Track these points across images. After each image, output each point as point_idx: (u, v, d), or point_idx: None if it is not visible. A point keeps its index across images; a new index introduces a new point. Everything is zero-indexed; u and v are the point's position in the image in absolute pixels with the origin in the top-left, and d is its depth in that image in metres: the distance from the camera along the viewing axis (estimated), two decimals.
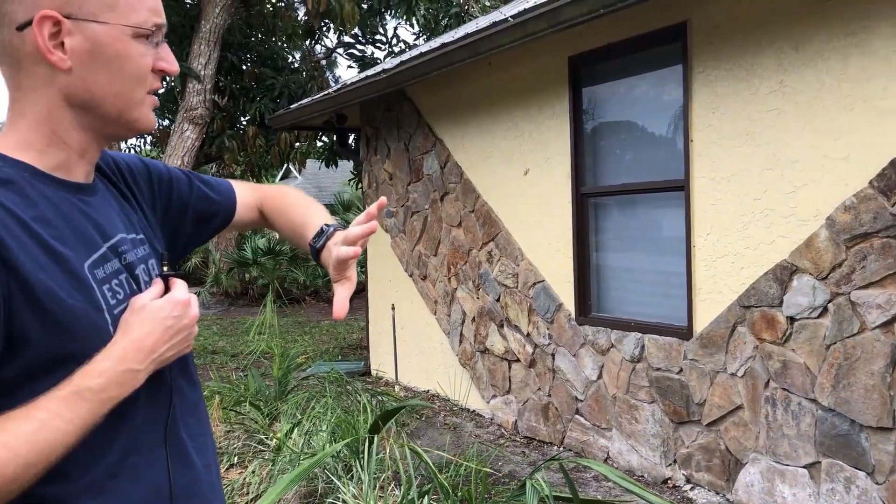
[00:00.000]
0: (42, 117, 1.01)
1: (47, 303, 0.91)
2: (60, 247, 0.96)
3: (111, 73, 1.01)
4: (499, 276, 5.45)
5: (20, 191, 0.95)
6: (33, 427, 0.87)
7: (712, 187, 3.93)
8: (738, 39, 3.75)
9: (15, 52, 0.98)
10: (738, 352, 3.81)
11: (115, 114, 1.04)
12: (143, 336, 1.00)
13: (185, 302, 1.06)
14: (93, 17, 0.98)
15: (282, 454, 4.15)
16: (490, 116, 5.51)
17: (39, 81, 0.99)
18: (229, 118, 10.76)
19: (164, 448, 1.07)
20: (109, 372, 0.95)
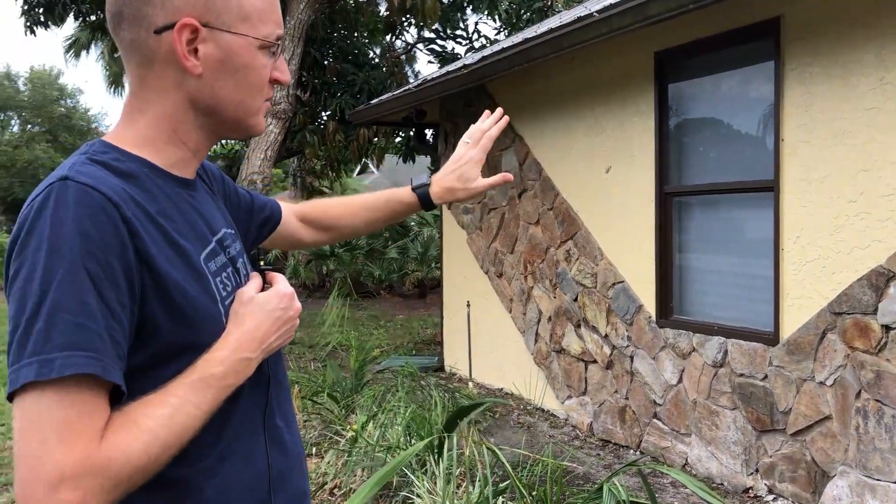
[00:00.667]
0: (165, 116, 1.04)
1: (175, 294, 0.95)
2: (181, 240, 1.00)
3: (237, 82, 1.05)
4: (577, 276, 5.38)
5: (143, 185, 0.99)
6: (169, 412, 0.91)
7: (804, 188, 3.78)
8: (835, 35, 3.60)
9: (149, 52, 1.01)
10: (827, 360, 3.66)
11: (235, 119, 1.08)
12: (255, 327, 1.05)
13: (290, 295, 1.11)
14: (227, 27, 1.02)
15: (357, 446, 4.21)
16: (571, 113, 5.44)
17: (168, 83, 1.03)
18: (311, 113, 10.96)
19: (263, 434, 1.11)
20: (228, 360, 0.99)
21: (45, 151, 36.94)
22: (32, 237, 0.88)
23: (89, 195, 0.89)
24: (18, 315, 0.86)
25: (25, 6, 10.10)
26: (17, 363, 0.84)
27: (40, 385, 0.83)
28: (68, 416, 0.83)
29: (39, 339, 0.84)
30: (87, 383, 0.85)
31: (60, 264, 0.86)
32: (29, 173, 36.35)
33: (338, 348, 8.30)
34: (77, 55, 21.07)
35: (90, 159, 0.97)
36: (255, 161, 8.21)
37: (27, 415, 0.84)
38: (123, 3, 1.01)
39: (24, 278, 0.87)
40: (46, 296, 0.85)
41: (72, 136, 39.17)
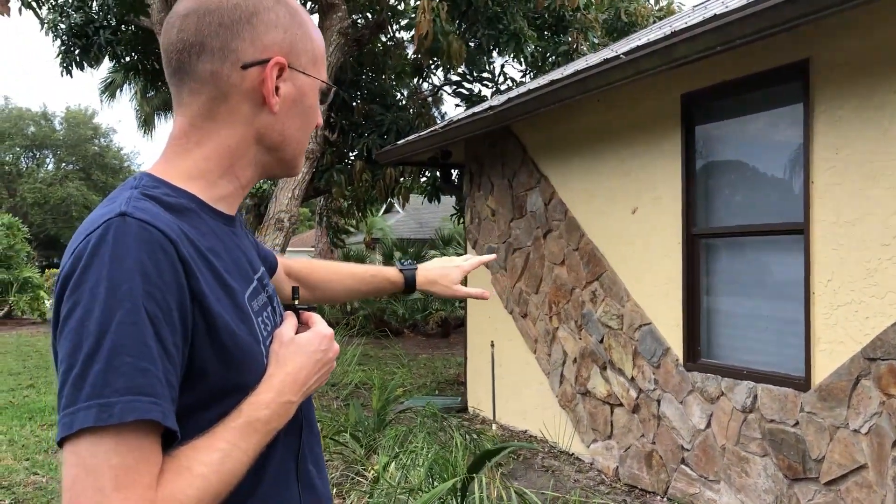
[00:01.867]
0: (226, 150, 1.03)
1: (224, 336, 0.93)
2: (229, 279, 0.98)
3: (302, 122, 1.09)
4: (603, 317, 5.33)
5: (193, 221, 0.97)
6: (219, 457, 0.89)
7: (835, 231, 3.73)
8: (866, 77, 3.58)
9: (228, 86, 1.01)
10: (861, 407, 3.57)
11: (290, 157, 1.10)
12: (297, 369, 1.03)
13: (330, 336, 1.09)
14: (303, 69, 1.06)
15: (379, 487, 4.15)
16: (597, 154, 5.44)
17: (240, 118, 1.03)
18: (338, 153, 11.06)
19: (296, 479, 1.09)
20: (273, 404, 0.97)
21: (79, 189, 37.69)
22: (89, 274, 0.85)
23: (148, 232, 0.87)
24: (74, 355, 0.83)
25: (63, 47, 10.38)
26: (71, 406, 0.81)
27: (98, 430, 0.80)
28: (125, 463, 0.81)
29: (98, 382, 0.81)
30: (144, 429, 0.82)
31: (121, 304, 0.83)
32: (62, 210, 37.05)
33: (360, 387, 8.26)
34: (112, 96, 21.56)
35: (143, 194, 0.94)
36: (283, 200, 8.28)
37: (82, 461, 0.80)
38: (208, 34, 1.00)
39: (80, 317, 0.83)
40: (105, 336, 0.82)
41: (104, 174, 39.96)
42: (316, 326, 1.10)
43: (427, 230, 21.13)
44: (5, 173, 38.47)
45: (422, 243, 16.41)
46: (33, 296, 17.55)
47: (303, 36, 1.06)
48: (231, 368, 0.94)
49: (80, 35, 10.26)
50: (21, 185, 37.55)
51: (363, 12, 10.71)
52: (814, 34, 3.78)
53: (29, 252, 18.81)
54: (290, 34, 1.04)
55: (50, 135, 39.64)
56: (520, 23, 9.96)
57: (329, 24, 8.93)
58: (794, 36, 3.78)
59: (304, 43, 1.06)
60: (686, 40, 3.94)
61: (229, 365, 0.94)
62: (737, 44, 3.71)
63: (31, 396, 8.24)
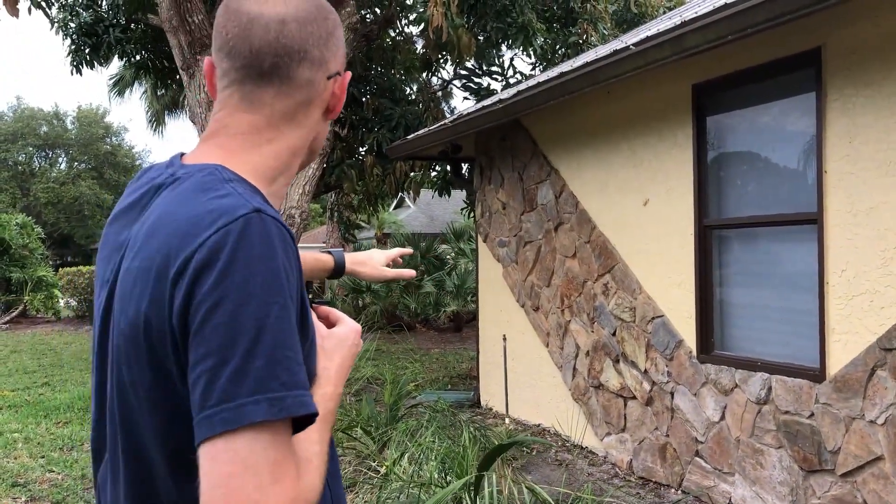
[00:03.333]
0: (291, 149, 1.08)
1: (310, 326, 0.98)
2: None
3: (327, 125, 1.16)
4: (615, 310, 5.30)
5: None
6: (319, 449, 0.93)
7: (849, 221, 3.69)
8: (879, 65, 3.53)
9: (315, 93, 1.08)
10: (877, 398, 3.53)
11: (310, 159, 1.17)
12: (342, 361, 1.07)
13: (359, 330, 1.15)
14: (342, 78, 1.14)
15: (389, 480, 4.15)
16: (607, 145, 5.41)
17: (310, 122, 1.10)
18: (348, 148, 11.07)
19: None
20: (335, 396, 1.02)
21: (91, 188, 37.89)
22: (236, 268, 0.84)
23: (283, 231, 0.91)
24: (227, 349, 0.82)
25: (73, 46, 10.42)
26: (232, 400, 0.80)
27: (260, 426, 0.80)
28: (279, 457, 0.82)
29: (263, 377, 0.81)
30: (288, 423, 0.84)
31: (275, 300, 0.85)
32: (75, 209, 37.27)
33: (372, 382, 8.27)
34: (121, 93, 21.64)
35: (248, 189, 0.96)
36: (294, 196, 8.29)
37: (240, 457, 0.79)
38: (313, 43, 1.06)
39: (232, 311, 0.83)
40: (264, 332, 0.82)
41: (116, 172, 40.15)
42: (346, 321, 1.15)
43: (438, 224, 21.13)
44: (18, 173, 38.72)
45: (433, 237, 16.40)
46: (47, 294, 17.67)
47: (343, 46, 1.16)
48: (311, 357, 0.99)
49: (90, 34, 10.30)
50: (34, 184, 37.79)
51: (372, 7, 10.70)
52: (826, 22, 3.73)
53: (43, 251, 18.92)
54: (344, 48, 1.15)
55: (62, 134, 39.86)
56: (528, 15, 9.92)
57: None
58: (805, 24, 3.73)
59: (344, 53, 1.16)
60: (697, 30, 3.91)
61: (311, 354, 0.98)
62: (748, 33, 3.67)
63: (46, 394, 8.29)
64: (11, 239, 17.05)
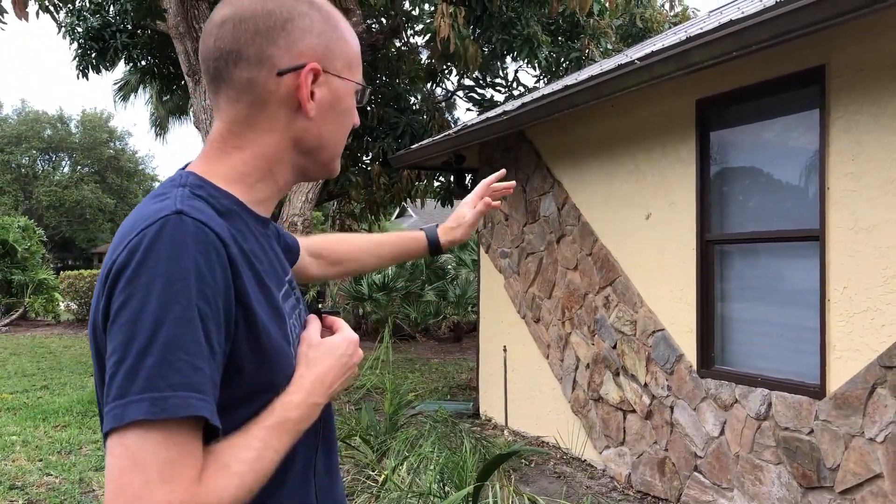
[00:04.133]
0: (265, 155, 1.05)
1: (262, 335, 0.95)
2: (267, 280, 1.01)
3: (338, 125, 1.09)
4: (616, 323, 5.31)
5: (236, 223, 1.00)
6: (254, 456, 0.91)
7: (851, 238, 3.70)
8: (883, 83, 3.55)
9: (265, 93, 1.03)
10: (877, 415, 3.54)
11: (327, 160, 1.11)
12: (325, 371, 1.04)
13: (356, 341, 1.11)
14: (337, 72, 1.07)
15: (387, 489, 4.15)
16: (610, 159, 5.43)
17: (279, 123, 1.04)
18: (352, 156, 11.10)
19: (313, 482, 1.10)
20: (303, 405, 0.99)
21: (93, 192, 37.95)
22: (144, 269, 0.86)
23: (204, 233, 0.89)
24: (127, 347, 0.83)
25: (79, 50, 10.47)
26: (123, 398, 0.82)
27: (148, 424, 0.81)
28: (172, 457, 0.82)
29: (151, 376, 0.82)
30: (190, 424, 0.84)
31: (177, 300, 0.84)
32: (77, 213, 37.33)
33: (372, 391, 8.27)
34: (126, 98, 21.70)
35: (193, 193, 0.96)
36: (297, 203, 8.31)
37: (129, 453, 0.81)
38: (244, 42, 1.01)
39: (135, 310, 0.84)
40: (160, 331, 0.83)
41: (119, 177, 40.22)
42: (343, 331, 1.12)
43: None
44: (21, 175, 38.81)
45: None
46: (48, 298, 17.67)
47: (338, 39, 1.07)
48: (265, 366, 0.96)
49: (97, 38, 10.36)
50: (37, 187, 37.86)
51: (378, 17, 10.75)
52: (830, 40, 3.76)
53: (44, 254, 18.94)
54: (324, 38, 1.05)
55: (66, 138, 39.95)
56: (534, 28, 9.96)
57: None
58: (810, 41, 3.76)
59: (339, 46, 1.07)
60: (701, 46, 3.93)
61: (264, 363, 0.95)
62: (753, 49, 3.70)
63: (44, 398, 8.29)
64: (14, 242, 17.07)
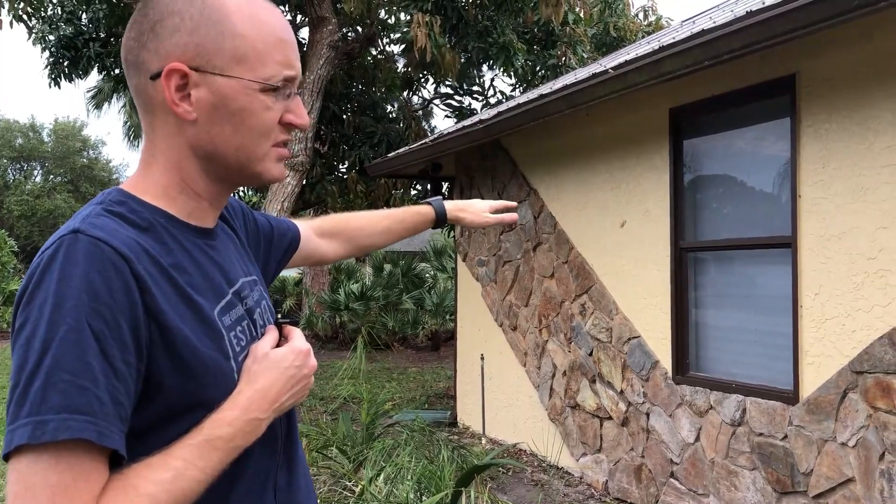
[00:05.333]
0: (172, 164, 1.02)
1: (183, 351, 0.91)
2: (195, 294, 0.97)
3: (234, 126, 1.00)
4: (592, 330, 5.33)
5: (158, 237, 0.97)
6: (171, 476, 0.87)
7: (822, 245, 3.74)
8: (851, 93, 3.60)
9: (149, 99, 1.00)
10: (849, 420, 3.57)
11: (238, 166, 1.03)
12: (268, 386, 1.00)
13: (305, 352, 1.06)
14: (220, 70, 0.98)
15: (363, 500, 4.12)
16: (586, 167, 5.45)
17: (170, 130, 1.00)
18: (328, 165, 11.07)
19: (273, 497, 1.06)
20: (237, 421, 0.95)
21: (66, 201, 37.47)
22: (39, 291, 0.85)
23: (99, 249, 0.86)
24: (19, 372, 0.83)
25: (51, 59, 10.35)
26: (13, 423, 0.81)
27: (36, 448, 0.80)
28: (63, 481, 0.80)
29: (36, 400, 0.81)
30: (83, 447, 0.81)
31: (64, 321, 0.82)
32: (49, 223, 36.82)
33: (349, 401, 8.22)
34: (99, 106, 21.52)
35: (106, 210, 0.94)
36: (272, 212, 8.26)
37: (21, 478, 0.80)
38: (128, 49, 1.00)
39: (28, 334, 0.83)
40: (47, 354, 0.81)
41: (93, 186, 39.76)
42: (293, 342, 1.07)
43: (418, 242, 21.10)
44: None
45: (412, 255, 16.39)
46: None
47: (218, 34, 0.97)
48: (193, 383, 0.93)
49: (70, 47, 10.24)
50: (8, 197, 37.33)
51: (353, 26, 10.74)
52: (801, 50, 3.81)
53: (15, 265, 18.67)
54: (197, 36, 0.97)
55: (38, 147, 39.43)
56: (509, 36, 10.01)
57: (319, 37, 8.95)
58: (781, 51, 3.81)
59: (219, 42, 0.97)
60: (674, 55, 3.97)
61: (191, 380, 0.92)
62: (724, 59, 3.74)
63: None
64: None
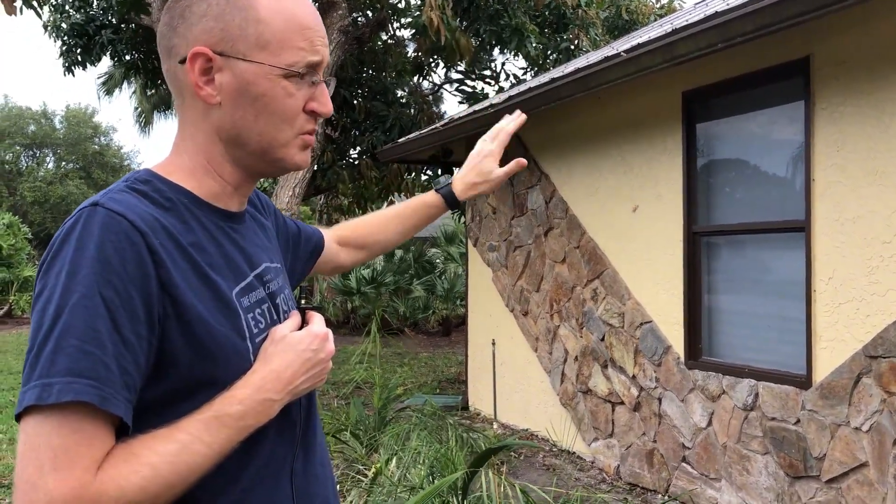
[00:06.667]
0: (199, 148, 1.05)
1: (197, 328, 0.93)
2: (213, 273, 0.98)
3: (256, 111, 1.01)
4: (604, 315, 5.32)
5: (180, 216, 0.99)
6: (176, 448, 0.88)
7: (836, 229, 3.72)
8: (866, 75, 3.57)
9: (179, 84, 1.03)
10: (862, 404, 3.56)
11: (260, 151, 1.04)
12: (283, 367, 1.00)
13: (323, 336, 1.07)
14: (242, 55, 0.99)
15: (379, 486, 4.15)
16: (598, 151, 5.43)
17: (198, 114, 1.03)
18: (339, 150, 11.07)
19: (290, 483, 1.07)
20: (248, 400, 0.95)
21: (78, 188, 37.65)
22: (57, 260, 0.88)
23: (115, 221, 0.89)
24: (34, 336, 0.86)
25: (64, 47, 10.37)
26: (26, 384, 0.84)
27: (43, 410, 0.82)
28: (65, 444, 0.82)
29: (46, 363, 0.83)
30: (88, 411, 0.83)
31: (76, 289, 0.85)
32: (62, 209, 37.02)
33: (361, 385, 8.26)
34: (110, 92, 21.55)
35: (128, 187, 0.97)
36: (284, 198, 8.28)
37: (27, 439, 0.83)
38: (161, 35, 1.04)
39: (44, 300, 0.87)
40: (59, 319, 0.84)
41: (104, 172, 39.93)
42: (311, 326, 1.08)
43: (428, 228, 21.10)
44: (5, 172, 38.45)
45: (423, 241, 16.40)
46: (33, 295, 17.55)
47: (244, 19, 0.99)
48: (205, 360, 0.94)
49: (81, 34, 10.26)
50: (21, 183, 37.54)
51: (364, 10, 10.70)
52: (815, 31, 3.77)
53: (29, 251, 18.80)
54: (222, 21, 0.99)
55: (50, 133, 39.59)
56: (521, 18, 9.95)
57: (329, 21, 8.92)
58: (795, 33, 3.77)
59: (244, 27, 0.99)
60: (687, 38, 3.93)
61: (202, 356, 0.93)
62: (738, 41, 3.70)
63: None
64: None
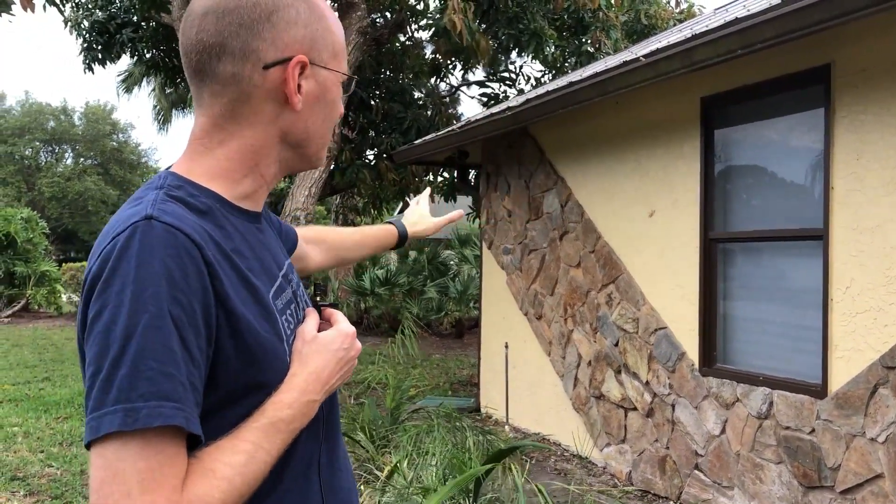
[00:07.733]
0: (250, 149, 1.03)
1: (247, 335, 0.93)
2: (253, 278, 0.99)
3: (325, 116, 1.08)
4: (618, 320, 5.31)
5: (216, 221, 0.98)
6: (243, 459, 0.90)
7: (854, 238, 3.69)
8: (888, 83, 3.54)
9: (250, 87, 1.00)
10: (878, 415, 3.54)
11: (314, 152, 1.10)
12: (321, 368, 1.03)
13: (352, 334, 1.09)
14: (324, 63, 1.05)
15: (392, 486, 4.16)
16: (614, 156, 5.42)
17: (263, 117, 1.02)
18: (356, 150, 11.11)
19: (318, 479, 1.08)
20: (296, 403, 0.97)
21: (96, 184, 37.98)
22: (116, 277, 0.86)
23: (174, 236, 0.88)
24: (101, 358, 0.84)
25: (85, 45, 10.47)
26: (98, 410, 0.82)
27: (124, 435, 0.81)
28: (151, 467, 0.82)
29: (124, 387, 0.82)
30: (169, 433, 0.83)
31: (146, 308, 0.84)
32: (79, 205, 37.35)
33: (374, 386, 8.28)
34: (129, 90, 21.74)
35: (168, 195, 0.95)
36: (300, 197, 8.32)
37: (109, 465, 0.82)
38: (229, 35, 0.99)
39: (107, 320, 0.84)
40: (131, 340, 0.83)
41: (122, 169, 40.25)
42: (339, 324, 1.10)
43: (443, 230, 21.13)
44: (25, 167, 38.83)
45: (437, 243, 16.40)
46: (50, 289, 17.69)
47: (324, 30, 1.05)
48: (253, 367, 0.94)
49: (102, 32, 10.36)
50: (40, 179, 37.88)
51: (382, 12, 10.73)
52: (836, 39, 3.75)
53: (46, 246, 18.95)
54: (310, 30, 1.03)
55: (69, 129, 39.96)
56: (540, 22, 9.95)
57: (348, 23, 8.95)
58: (815, 40, 3.75)
59: (325, 37, 1.05)
60: (707, 43, 3.92)
61: (252, 364, 0.94)
62: (758, 48, 3.69)
63: (46, 389, 8.31)
64: (16, 233, 17.09)
